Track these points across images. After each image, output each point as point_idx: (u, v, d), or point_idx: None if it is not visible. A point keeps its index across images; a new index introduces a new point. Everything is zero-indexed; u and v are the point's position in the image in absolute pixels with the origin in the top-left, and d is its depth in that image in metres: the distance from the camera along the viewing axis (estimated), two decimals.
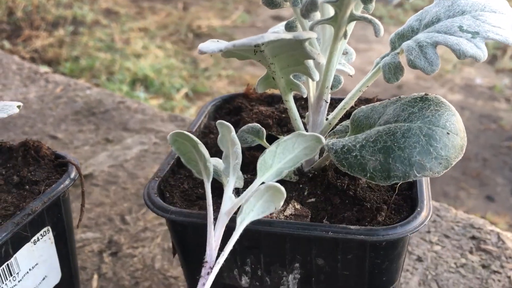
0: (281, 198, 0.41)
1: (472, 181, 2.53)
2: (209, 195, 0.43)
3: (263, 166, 0.44)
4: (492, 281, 0.72)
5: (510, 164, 2.65)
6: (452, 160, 0.41)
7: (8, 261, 0.45)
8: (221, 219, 0.43)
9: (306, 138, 0.44)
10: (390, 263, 0.45)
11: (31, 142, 0.53)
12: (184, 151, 0.46)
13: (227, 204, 0.43)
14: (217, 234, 0.42)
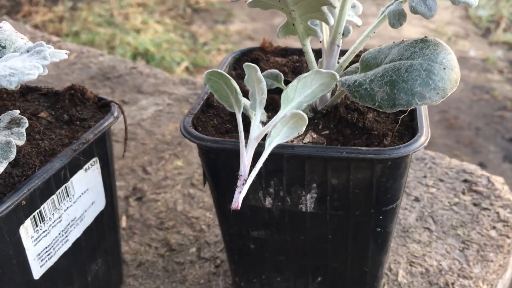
0: (303, 124, 0.48)
1: (465, 149, 2.62)
2: (240, 123, 0.51)
3: (285, 99, 0.51)
4: (482, 216, 0.80)
5: (502, 132, 2.74)
6: (448, 91, 0.49)
7: (66, 184, 0.53)
8: (251, 143, 0.50)
9: (322, 75, 0.51)
10: (394, 182, 0.53)
11: (76, 86, 0.60)
12: (216, 88, 0.53)
13: (255, 131, 0.50)
14: (248, 154, 0.49)
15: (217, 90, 0.53)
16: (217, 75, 0.52)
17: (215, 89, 0.53)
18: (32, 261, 0.50)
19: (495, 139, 2.71)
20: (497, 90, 3.05)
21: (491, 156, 2.60)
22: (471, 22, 3.72)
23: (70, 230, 0.55)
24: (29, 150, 0.52)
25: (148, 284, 0.71)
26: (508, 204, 0.82)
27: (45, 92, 0.62)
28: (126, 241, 0.78)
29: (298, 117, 0.48)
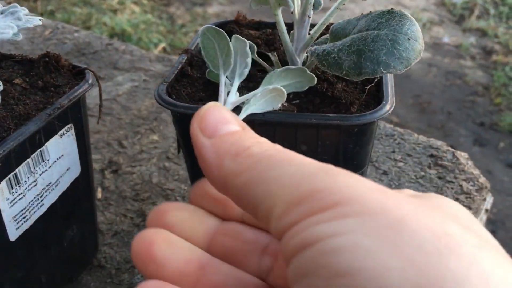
0: (281, 100, 0.49)
1: (437, 132, 2.69)
2: (222, 84, 0.50)
3: (267, 82, 0.51)
4: (446, 188, 0.84)
5: (473, 117, 2.81)
6: (412, 60, 0.51)
7: (41, 148, 0.54)
8: (227, 107, 0.50)
9: (306, 74, 0.53)
10: (360, 148, 0.55)
11: (51, 54, 0.61)
12: (207, 46, 0.52)
13: (232, 97, 0.50)
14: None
15: (207, 48, 0.53)
16: (213, 33, 0.51)
17: (205, 46, 0.53)
18: (8, 223, 0.51)
19: (466, 123, 2.78)
20: (469, 75, 3.12)
21: (461, 139, 2.67)
22: (446, 9, 3.79)
23: (46, 194, 0.56)
24: (4, 114, 0.52)
25: (124, 252, 0.72)
26: (471, 178, 0.85)
27: (19, 60, 0.63)
28: (102, 211, 0.79)
29: (278, 93, 0.49)
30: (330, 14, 0.58)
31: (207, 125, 0.29)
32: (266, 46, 0.68)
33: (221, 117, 0.30)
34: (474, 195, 0.83)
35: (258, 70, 0.64)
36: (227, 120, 0.30)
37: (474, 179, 0.86)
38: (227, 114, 0.30)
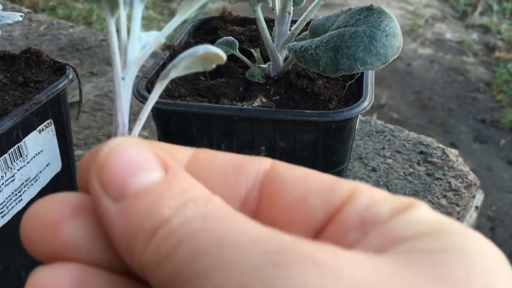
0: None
1: (437, 129, 2.68)
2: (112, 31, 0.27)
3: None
4: (435, 185, 0.83)
5: (474, 113, 2.80)
6: (389, 57, 0.51)
7: (18, 144, 0.54)
8: (129, 71, 0.28)
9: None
10: (339, 145, 0.55)
11: (32, 49, 0.61)
12: None
13: (135, 49, 0.27)
14: (126, 91, 0.28)
15: None
16: None
17: None
18: None
19: (467, 120, 2.77)
20: (471, 72, 3.10)
21: (462, 136, 2.66)
22: (449, 5, 3.76)
23: (24, 190, 0.56)
24: None
25: None
26: (460, 175, 0.85)
27: (1, 56, 0.63)
28: None
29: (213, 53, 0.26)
30: (310, 10, 0.58)
31: (110, 180, 0.21)
32: (249, 42, 0.67)
33: (131, 162, 0.21)
34: (462, 192, 0.82)
35: (240, 67, 0.64)
36: (140, 166, 0.21)
37: (463, 176, 0.85)
38: (139, 155, 0.21)
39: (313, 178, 0.24)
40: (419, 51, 3.25)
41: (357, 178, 0.85)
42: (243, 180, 0.25)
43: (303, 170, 0.25)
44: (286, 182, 0.24)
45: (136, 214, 0.20)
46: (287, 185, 0.24)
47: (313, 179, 0.24)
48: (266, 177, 0.25)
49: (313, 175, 0.24)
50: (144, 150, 0.22)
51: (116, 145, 0.22)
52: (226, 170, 0.25)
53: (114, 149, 0.22)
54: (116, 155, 0.21)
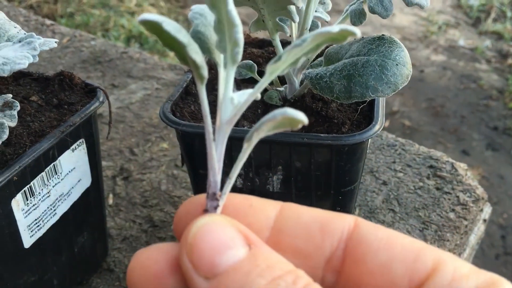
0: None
1: (450, 136, 2.69)
2: (203, 94, 0.31)
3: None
4: (443, 199, 0.86)
5: (486, 121, 2.80)
6: (399, 85, 0.54)
7: (54, 162, 0.58)
8: (221, 131, 0.32)
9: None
10: (351, 166, 0.58)
11: (65, 73, 0.65)
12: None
13: (227, 110, 0.31)
14: (218, 152, 0.32)
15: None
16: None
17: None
18: (23, 231, 0.56)
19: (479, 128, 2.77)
20: (484, 79, 3.11)
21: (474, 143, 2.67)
22: (462, 11, 3.77)
23: (58, 204, 0.61)
24: (21, 131, 0.57)
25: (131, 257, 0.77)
26: (468, 189, 0.88)
27: (36, 77, 0.67)
28: (112, 217, 0.84)
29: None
30: None
31: (200, 260, 0.23)
32: (267, 65, 0.71)
33: (218, 241, 0.23)
34: (470, 206, 0.85)
35: None
36: (226, 244, 0.23)
37: (471, 190, 0.88)
38: (224, 233, 0.23)
39: (397, 244, 0.25)
40: (431, 57, 3.26)
41: (369, 191, 0.88)
42: (329, 240, 0.27)
43: (387, 232, 0.26)
44: (370, 246, 0.26)
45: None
46: (372, 249, 0.25)
47: (397, 244, 0.25)
48: (350, 237, 0.27)
49: (397, 239, 0.25)
50: (228, 227, 0.24)
51: (202, 225, 0.24)
52: (311, 228, 0.27)
53: (201, 229, 0.24)
54: (204, 235, 0.23)
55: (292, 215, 0.28)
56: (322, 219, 0.28)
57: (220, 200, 0.30)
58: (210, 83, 0.68)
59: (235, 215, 0.29)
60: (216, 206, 0.30)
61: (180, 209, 0.29)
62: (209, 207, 0.30)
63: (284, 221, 0.28)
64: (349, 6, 0.60)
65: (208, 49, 0.33)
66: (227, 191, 0.30)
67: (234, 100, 0.31)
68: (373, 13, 0.56)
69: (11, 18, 1.47)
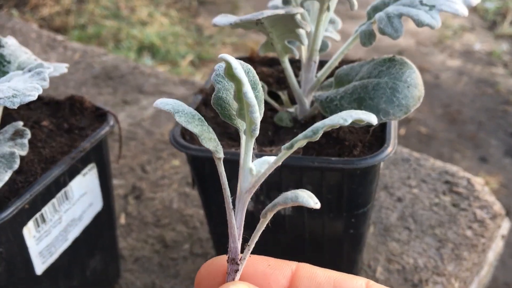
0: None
1: (467, 143, 2.65)
2: (222, 170, 0.35)
3: None
4: (460, 216, 0.85)
5: (504, 126, 2.76)
6: (411, 107, 0.53)
7: (65, 188, 0.58)
8: (241, 201, 0.34)
9: None
10: (363, 188, 0.57)
11: (76, 97, 0.65)
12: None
13: (246, 180, 0.34)
14: (238, 220, 0.34)
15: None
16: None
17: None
18: (35, 258, 0.56)
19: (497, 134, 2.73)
20: (501, 84, 3.06)
21: (492, 150, 2.63)
22: (478, 15, 3.72)
23: (70, 230, 0.61)
24: (32, 157, 0.57)
25: (144, 278, 0.76)
26: (486, 205, 0.86)
27: (47, 101, 0.68)
28: (124, 237, 0.84)
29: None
30: (335, 59, 0.61)
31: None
32: (277, 84, 0.71)
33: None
34: (488, 223, 0.83)
35: (269, 109, 0.67)
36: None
37: (489, 207, 0.86)
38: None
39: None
40: (447, 63, 3.22)
41: (383, 208, 0.87)
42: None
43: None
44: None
45: None
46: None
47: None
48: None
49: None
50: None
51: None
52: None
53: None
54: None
55: (307, 275, 0.31)
56: (335, 280, 0.31)
57: (240, 265, 0.33)
58: None
59: (255, 276, 0.32)
60: (237, 270, 0.33)
61: (202, 270, 0.32)
62: (230, 271, 0.33)
63: (300, 280, 0.31)
64: (359, 26, 0.59)
65: (229, 116, 0.35)
66: (246, 256, 0.33)
67: (253, 171, 0.34)
68: (382, 34, 0.55)
69: (23, 35, 1.49)
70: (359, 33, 0.57)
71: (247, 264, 0.34)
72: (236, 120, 0.34)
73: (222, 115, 0.34)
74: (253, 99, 0.30)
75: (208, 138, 0.32)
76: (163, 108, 0.31)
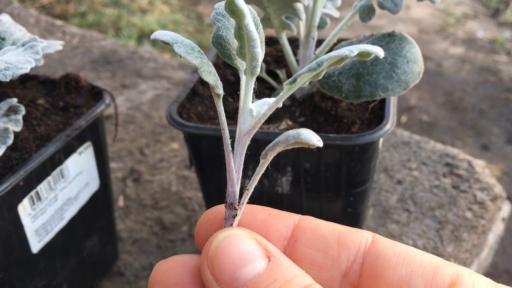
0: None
1: (469, 131, 2.64)
2: (220, 107, 0.32)
3: None
4: (460, 198, 0.84)
5: (507, 114, 2.74)
6: (410, 83, 0.52)
7: (61, 166, 0.58)
8: (240, 143, 0.33)
9: None
10: (362, 166, 0.57)
11: (71, 75, 0.65)
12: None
13: (246, 121, 0.32)
14: (237, 163, 0.33)
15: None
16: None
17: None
18: (30, 236, 0.55)
19: (499, 122, 2.72)
20: (504, 72, 3.04)
21: (494, 138, 2.61)
22: (481, 2, 3.69)
23: (66, 208, 0.60)
24: (27, 135, 0.56)
25: (142, 260, 0.76)
26: (486, 187, 0.85)
27: (42, 80, 0.67)
28: (123, 219, 0.83)
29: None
30: (334, 35, 0.60)
31: (221, 273, 0.24)
32: (275, 63, 0.70)
33: (238, 254, 0.24)
34: (488, 205, 0.83)
35: (266, 88, 0.67)
36: (246, 257, 0.24)
37: (489, 189, 0.86)
38: (244, 247, 0.24)
39: (415, 259, 0.25)
40: (449, 50, 3.20)
41: (383, 190, 0.86)
42: (345, 253, 0.27)
43: (406, 248, 0.26)
44: (389, 262, 0.26)
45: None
46: (390, 265, 0.26)
47: (416, 260, 0.25)
48: (368, 252, 0.27)
49: (416, 255, 0.25)
50: (248, 240, 0.25)
51: (223, 238, 0.25)
52: (328, 240, 0.28)
53: (222, 242, 0.25)
54: (224, 249, 0.24)
55: (310, 227, 0.29)
56: (340, 232, 0.29)
57: (238, 210, 0.31)
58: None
59: (254, 224, 0.30)
60: (235, 215, 0.31)
61: (201, 218, 0.30)
62: (227, 216, 0.31)
63: (302, 231, 0.29)
64: (358, 1, 0.58)
65: (229, 55, 0.33)
66: (245, 201, 0.32)
67: (253, 112, 0.32)
68: (382, 9, 0.54)
69: (21, 20, 1.48)
70: (358, 8, 0.56)
71: (246, 212, 0.32)
72: (236, 59, 0.33)
73: (221, 54, 0.33)
74: (254, 32, 0.28)
75: (207, 71, 0.30)
76: (161, 38, 0.29)
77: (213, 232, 0.29)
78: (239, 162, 0.33)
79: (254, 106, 0.32)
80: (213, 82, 0.30)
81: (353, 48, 0.28)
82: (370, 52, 0.27)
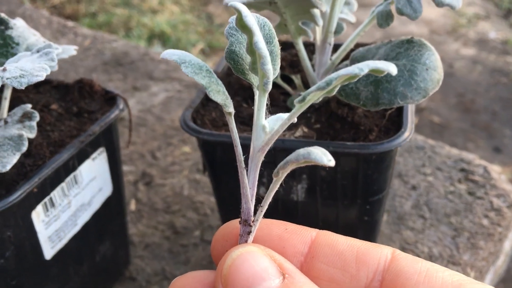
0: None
1: (481, 133, 2.61)
2: (233, 128, 0.33)
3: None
4: (476, 205, 0.83)
5: None
6: (430, 91, 0.51)
7: (74, 172, 0.57)
8: (254, 159, 0.32)
9: None
10: (379, 175, 0.56)
11: (85, 80, 0.64)
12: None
13: (259, 138, 0.32)
14: (251, 180, 0.32)
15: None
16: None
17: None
18: (44, 243, 0.55)
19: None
20: None
21: (506, 140, 2.59)
22: (492, 3, 3.65)
23: (79, 214, 0.60)
24: (41, 141, 0.56)
25: (154, 265, 0.76)
26: (502, 194, 0.84)
27: (56, 85, 0.66)
28: (134, 223, 0.83)
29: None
30: (351, 41, 0.59)
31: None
32: (290, 68, 0.69)
33: (252, 272, 0.24)
34: (505, 212, 0.81)
35: (281, 93, 0.66)
36: (260, 275, 0.23)
37: (506, 195, 0.84)
38: (258, 264, 0.24)
39: (437, 277, 0.24)
40: (461, 51, 3.17)
41: (397, 196, 0.85)
42: (364, 270, 0.26)
43: (426, 265, 0.25)
44: (409, 280, 0.25)
45: None
46: (411, 284, 0.25)
47: (437, 278, 0.24)
48: (388, 269, 0.26)
49: (437, 272, 0.25)
50: (262, 257, 0.25)
51: (237, 256, 0.25)
52: (347, 257, 0.27)
53: (236, 260, 0.25)
54: (238, 266, 0.24)
55: (328, 242, 0.28)
56: (358, 248, 0.28)
57: (253, 226, 0.31)
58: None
59: (270, 239, 0.29)
60: (249, 232, 0.31)
61: (217, 233, 0.30)
62: (242, 233, 0.31)
63: (320, 247, 0.28)
64: (376, 7, 0.57)
65: (242, 70, 0.33)
66: (259, 218, 0.32)
67: (266, 129, 0.32)
68: (401, 15, 0.53)
69: (33, 21, 1.48)
70: (376, 13, 0.55)
71: (262, 227, 0.31)
72: (249, 75, 0.33)
73: (235, 70, 0.33)
74: (264, 49, 0.28)
75: (216, 90, 0.30)
76: (169, 58, 0.29)
77: (229, 248, 0.28)
78: (253, 178, 0.32)
79: (267, 122, 0.32)
80: (222, 101, 0.30)
81: (363, 66, 0.28)
82: (381, 69, 0.27)
